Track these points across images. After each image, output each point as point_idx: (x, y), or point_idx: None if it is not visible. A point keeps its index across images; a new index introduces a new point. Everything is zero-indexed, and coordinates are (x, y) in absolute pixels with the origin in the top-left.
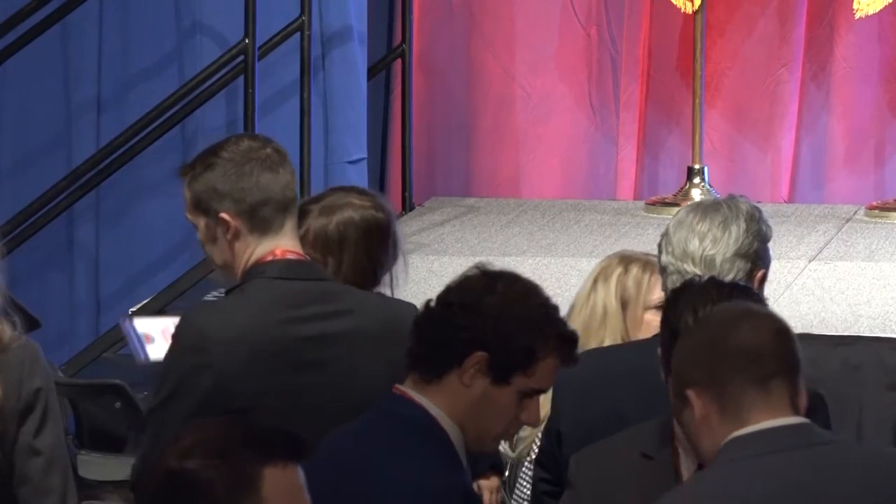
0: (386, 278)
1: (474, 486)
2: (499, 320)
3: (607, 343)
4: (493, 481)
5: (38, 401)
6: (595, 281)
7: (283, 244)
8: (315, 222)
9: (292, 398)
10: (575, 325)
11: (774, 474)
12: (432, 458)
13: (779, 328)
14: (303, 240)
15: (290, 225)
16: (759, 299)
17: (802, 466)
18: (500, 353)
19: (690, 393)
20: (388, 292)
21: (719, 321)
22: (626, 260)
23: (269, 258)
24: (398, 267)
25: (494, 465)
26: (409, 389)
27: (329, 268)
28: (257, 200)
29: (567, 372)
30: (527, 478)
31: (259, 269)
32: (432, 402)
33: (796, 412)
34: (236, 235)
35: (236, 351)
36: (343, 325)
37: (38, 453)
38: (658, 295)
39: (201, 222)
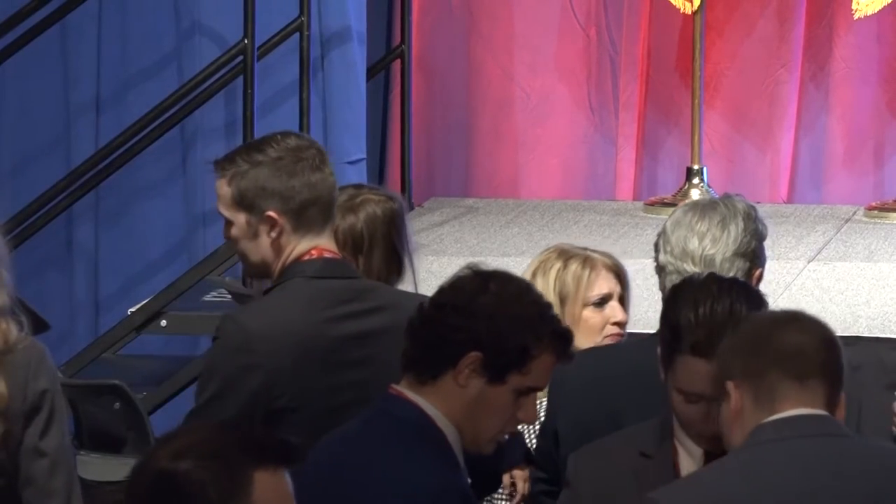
0: (407, 276)
1: (507, 476)
2: (492, 320)
3: None
4: (526, 471)
5: (44, 402)
6: (534, 275)
7: (322, 243)
8: (343, 223)
9: (335, 396)
10: None
11: (794, 457)
12: (429, 457)
13: (826, 336)
14: None
15: (330, 225)
16: (759, 295)
17: (821, 453)
18: (495, 352)
19: (730, 384)
20: (409, 287)
21: (769, 320)
22: (564, 255)
23: (307, 257)
24: (414, 256)
25: (527, 454)
26: (404, 390)
27: (360, 265)
28: (306, 200)
29: (564, 371)
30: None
31: (298, 268)
32: (428, 403)
33: (828, 411)
34: (280, 234)
35: (282, 350)
36: (380, 322)
37: (43, 455)
38: (596, 292)
39: (241, 218)
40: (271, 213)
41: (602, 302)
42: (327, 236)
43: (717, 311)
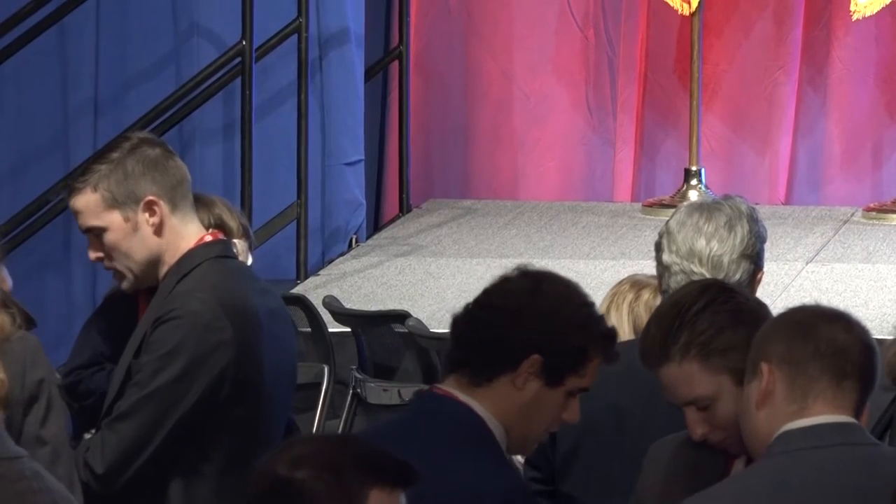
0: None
1: None
2: (550, 322)
3: None
4: None
5: (41, 391)
6: (608, 310)
7: (203, 231)
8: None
9: (270, 370)
10: None
11: (819, 468)
12: (492, 458)
13: (868, 341)
14: None
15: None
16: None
17: (847, 463)
18: (554, 354)
19: (764, 366)
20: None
21: (814, 312)
22: (636, 285)
23: (207, 239)
24: None
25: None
26: (454, 390)
27: None
28: (176, 178)
29: None
30: None
31: (200, 253)
32: (479, 404)
33: (855, 418)
34: (161, 219)
35: (244, 325)
36: (275, 301)
37: (44, 443)
38: None
39: (116, 218)
40: (150, 197)
41: None
42: (199, 220)
43: (655, 327)
